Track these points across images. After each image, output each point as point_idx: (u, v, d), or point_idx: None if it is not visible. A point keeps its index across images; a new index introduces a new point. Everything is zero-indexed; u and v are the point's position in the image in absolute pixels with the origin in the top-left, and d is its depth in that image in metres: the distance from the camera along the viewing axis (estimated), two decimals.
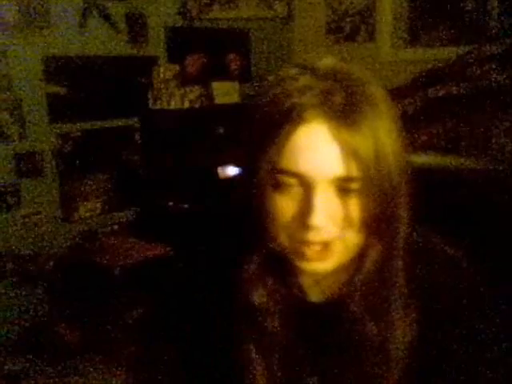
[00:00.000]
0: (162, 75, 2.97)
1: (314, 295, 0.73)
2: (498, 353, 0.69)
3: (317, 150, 0.60)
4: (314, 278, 0.71)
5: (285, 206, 0.63)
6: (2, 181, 2.54)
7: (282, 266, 0.70)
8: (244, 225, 0.69)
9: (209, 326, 0.76)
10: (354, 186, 0.61)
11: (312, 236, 0.62)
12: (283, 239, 0.65)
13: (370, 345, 0.66)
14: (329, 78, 0.62)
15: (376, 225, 0.63)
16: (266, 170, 0.62)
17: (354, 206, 0.62)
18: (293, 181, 0.62)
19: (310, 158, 0.60)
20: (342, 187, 0.61)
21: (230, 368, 0.73)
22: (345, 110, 0.60)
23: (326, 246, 0.63)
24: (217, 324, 0.74)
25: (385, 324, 0.66)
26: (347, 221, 0.62)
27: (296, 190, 0.62)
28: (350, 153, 0.59)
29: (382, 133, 0.61)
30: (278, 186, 0.63)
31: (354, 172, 0.60)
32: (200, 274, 0.80)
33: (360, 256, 0.66)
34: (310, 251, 0.63)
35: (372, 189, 0.61)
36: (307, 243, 0.63)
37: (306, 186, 0.61)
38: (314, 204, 0.60)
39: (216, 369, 0.75)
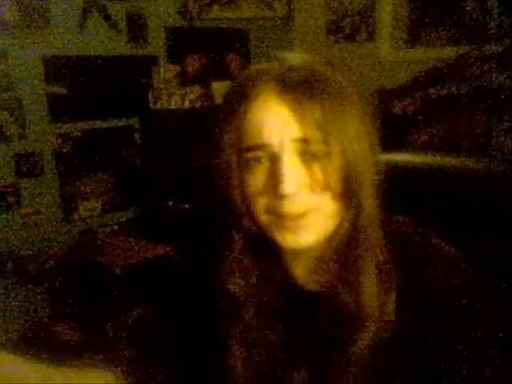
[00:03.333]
0: (162, 75, 2.97)
1: (305, 282, 0.74)
2: (498, 353, 0.69)
3: (273, 120, 0.63)
4: (295, 257, 0.72)
5: (257, 181, 0.65)
6: (1, 181, 2.54)
7: (262, 251, 0.71)
8: (220, 212, 0.70)
9: (209, 327, 0.76)
10: (314, 148, 0.63)
11: (288, 206, 0.64)
12: (262, 216, 0.66)
13: (346, 314, 0.67)
14: (286, 63, 0.67)
15: (345, 191, 0.64)
16: (231, 151, 0.65)
17: (322, 171, 0.64)
18: (259, 153, 0.65)
19: (268, 128, 0.63)
20: (306, 152, 0.64)
21: (221, 366, 0.73)
22: (295, 84, 0.64)
23: (302, 215, 0.65)
24: (216, 324, 0.74)
25: (358, 292, 0.67)
26: (319, 187, 0.64)
27: (264, 164, 0.65)
28: (302, 116, 0.62)
29: (336, 104, 0.64)
30: (248, 163, 0.65)
31: (310, 134, 0.62)
32: (200, 274, 0.80)
33: (335, 230, 0.67)
34: (289, 222, 0.65)
35: (332, 151, 0.63)
36: (285, 215, 0.65)
37: (273, 158, 0.64)
38: (283, 172, 0.62)
39: (214, 367, 0.75)
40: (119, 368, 0.84)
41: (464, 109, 2.13)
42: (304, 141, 0.63)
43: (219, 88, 3.17)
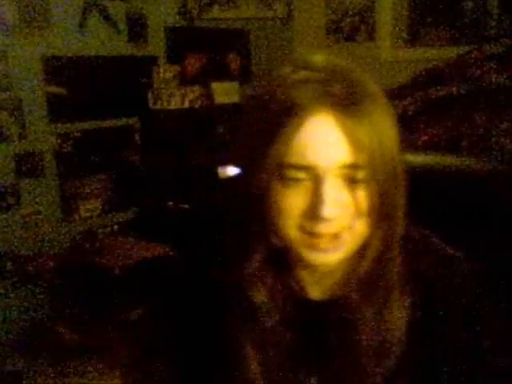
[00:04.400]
0: (161, 75, 2.97)
1: (314, 292, 0.73)
2: (497, 352, 0.69)
3: (323, 141, 0.61)
4: (317, 273, 0.71)
5: (294, 200, 0.63)
6: (1, 181, 2.54)
7: (284, 263, 0.70)
8: (245, 223, 0.68)
9: (209, 327, 0.76)
10: (361, 174, 0.62)
11: (323, 228, 0.62)
12: (293, 233, 0.65)
13: (367, 332, 0.67)
14: (325, 71, 0.63)
15: (380, 213, 0.63)
16: (272, 167, 0.62)
17: (362, 196, 0.62)
18: (300, 174, 0.62)
19: (317, 150, 0.61)
20: (350, 177, 0.62)
21: (228, 367, 0.73)
22: (345, 100, 0.61)
23: (336, 236, 0.63)
24: (217, 325, 0.74)
25: (382, 311, 0.67)
26: (356, 211, 0.63)
27: (304, 183, 0.62)
28: (354, 141, 0.60)
29: (381, 123, 0.63)
30: (286, 181, 0.63)
31: (360, 160, 0.61)
32: (200, 275, 0.80)
33: (363, 246, 0.66)
34: (321, 242, 0.64)
35: (377, 177, 0.62)
36: (318, 235, 0.63)
37: (314, 178, 0.62)
38: (324, 195, 0.61)
39: (215, 369, 0.75)
40: (119, 368, 0.84)
41: (464, 109, 2.13)
42: (352, 166, 0.61)
43: (219, 88, 3.17)
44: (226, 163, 2.96)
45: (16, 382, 2.33)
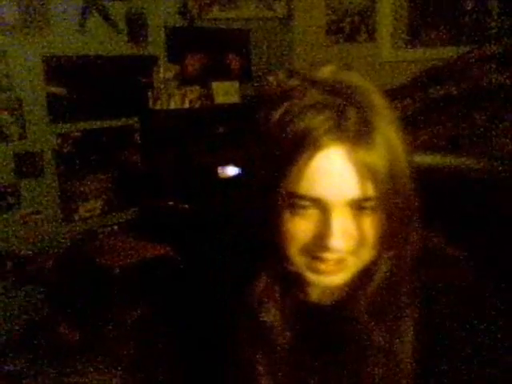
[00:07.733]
0: (161, 75, 2.97)
1: (319, 298, 0.73)
2: (498, 352, 0.69)
3: (334, 175, 0.60)
4: (323, 289, 0.71)
5: (301, 227, 0.63)
6: (1, 181, 2.54)
7: (290, 279, 0.70)
8: (255, 244, 0.68)
9: (208, 328, 0.76)
10: (370, 204, 0.61)
11: (329, 255, 0.62)
12: (298, 257, 0.65)
13: (376, 351, 0.67)
14: (336, 93, 0.61)
15: (386, 240, 0.63)
16: (282, 196, 0.61)
17: (369, 224, 0.62)
18: (308, 203, 0.62)
19: (328, 184, 0.60)
20: (358, 207, 0.61)
21: (230, 371, 0.73)
22: (359, 130, 0.59)
23: (340, 260, 0.63)
24: (216, 326, 0.74)
25: (392, 331, 0.67)
26: (362, 239, 0.62)
27: (312, 212, 0.62)
28: (366, 173, 0.59)
29: (395, 142, 0.62)
30: (293, 209, 0.62)
31: (370, 191, 0.60)
32: (200, 275, 0.80)
33: (370, 267, 0.66)
34: (325, 266, 0.64)
35: (387, 205, 0.61)
36: (323, 259, 0.63)
37: (323, 209, 0.61)
38: (333, 226, 0.60)
39: (215, 370, 0.75)
40: (119, 368, 0.84)
41: (464, 109, 2.13)
42: (361, 200, 0.61)
43: (219, 88, 3.17)
44: (225, 163, 2.96)
45: (16, 382, 2.33)
